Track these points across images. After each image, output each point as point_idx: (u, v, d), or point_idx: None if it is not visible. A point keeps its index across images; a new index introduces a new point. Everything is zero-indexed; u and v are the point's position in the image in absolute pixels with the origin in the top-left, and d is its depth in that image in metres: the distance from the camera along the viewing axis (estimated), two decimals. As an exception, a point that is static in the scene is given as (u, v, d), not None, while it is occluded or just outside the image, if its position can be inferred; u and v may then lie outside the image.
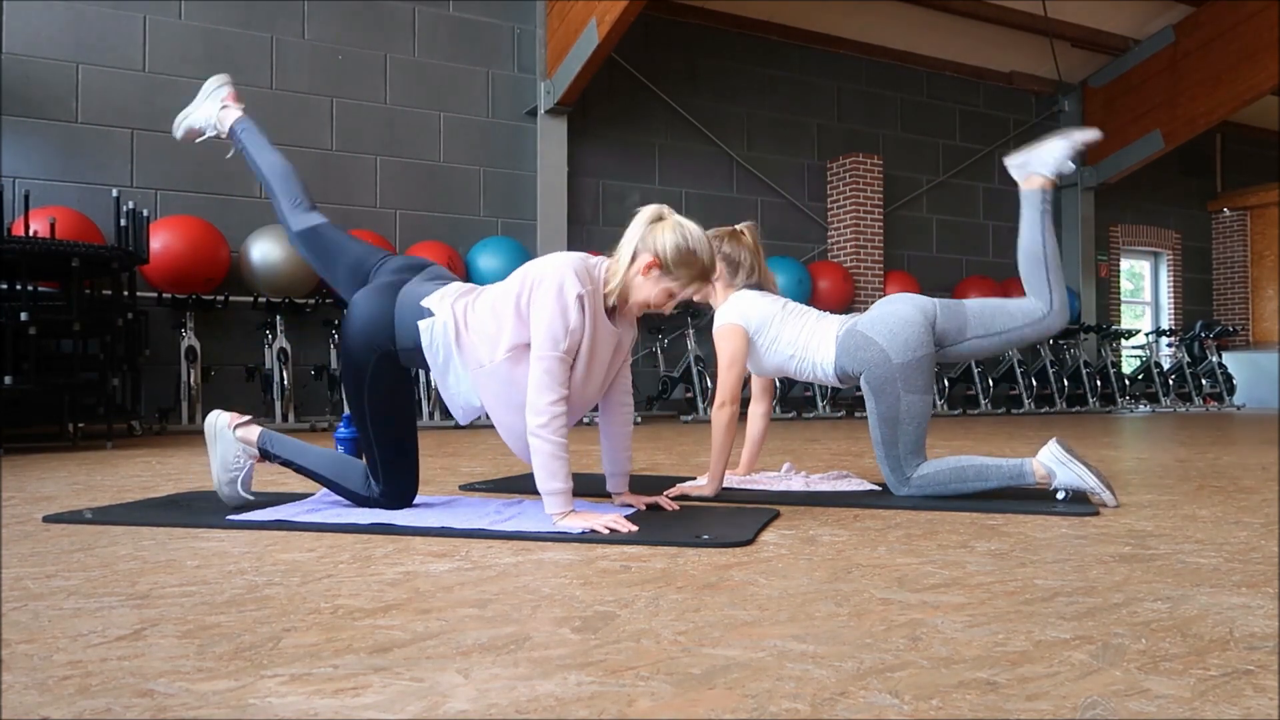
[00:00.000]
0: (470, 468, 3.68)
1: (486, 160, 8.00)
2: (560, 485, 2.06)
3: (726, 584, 1.57)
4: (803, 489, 2.83)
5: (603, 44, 7.25)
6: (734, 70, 9.42)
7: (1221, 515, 2.38)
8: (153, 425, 6.10)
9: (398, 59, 7.65)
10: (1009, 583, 1.58)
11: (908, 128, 10.53)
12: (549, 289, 2.09)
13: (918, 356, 2.60)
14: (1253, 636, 1.25)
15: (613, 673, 1.09)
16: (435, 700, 1.00)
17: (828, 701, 0.99)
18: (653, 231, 2.17)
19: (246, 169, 7.10)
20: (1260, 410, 11.12)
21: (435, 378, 2.24)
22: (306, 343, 7.10)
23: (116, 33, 6.62)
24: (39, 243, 4.61)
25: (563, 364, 2.08)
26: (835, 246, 9.76)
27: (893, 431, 2.62)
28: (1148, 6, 10.41)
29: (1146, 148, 10.86)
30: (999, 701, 1.00)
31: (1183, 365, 11.40)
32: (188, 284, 6.34)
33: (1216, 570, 1.69)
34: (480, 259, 7.45)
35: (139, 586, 1.54)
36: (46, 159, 6.37)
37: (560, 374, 2.07)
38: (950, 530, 2.14)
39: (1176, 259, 12.96)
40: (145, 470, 3.60)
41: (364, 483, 2.31)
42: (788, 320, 2.79)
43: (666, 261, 2.15)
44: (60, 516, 2.26)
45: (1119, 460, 4.09)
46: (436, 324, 2.19)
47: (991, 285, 10.24)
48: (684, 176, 9.02)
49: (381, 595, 1.48)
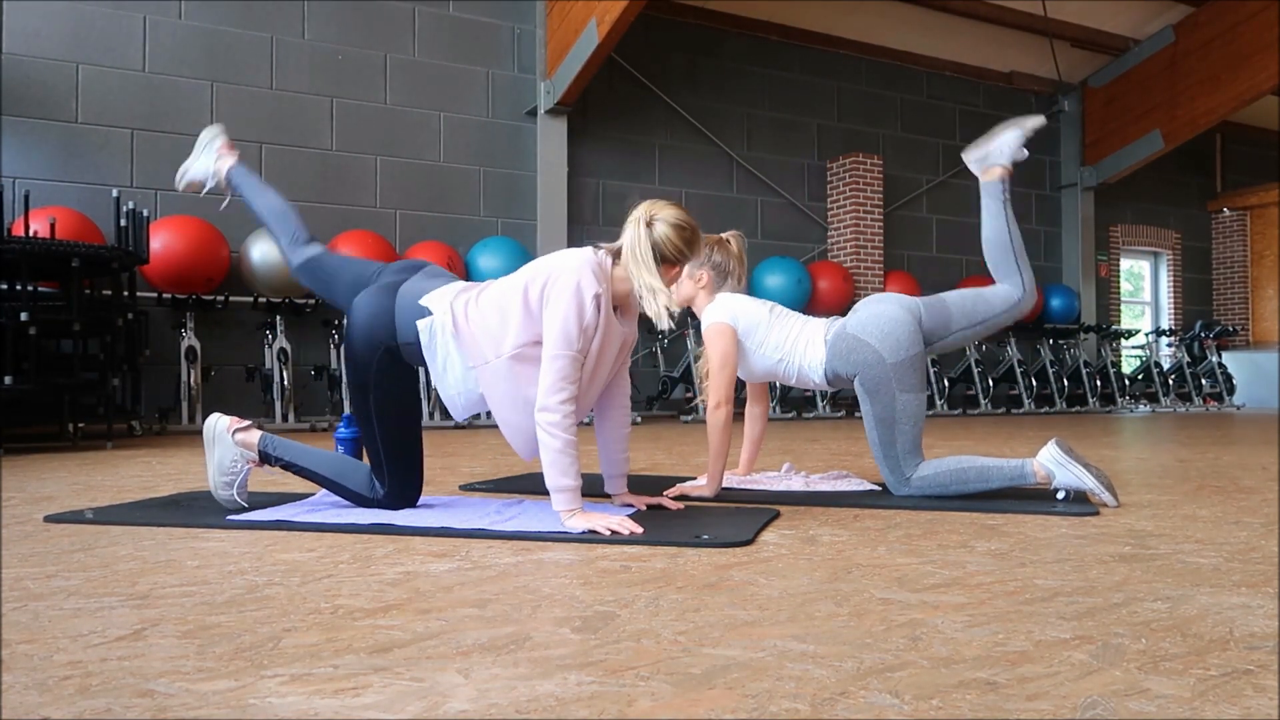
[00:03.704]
0: (470, 468, 3.68)
1: (486, 160, 8.00)
2: (570, 482, 2.06)
3: (726, 584, 1.57)
4: (803, 489, 2.83)
5: (603, 44, 7.24)
6: (734, 70, 9.42)
7: (1221, 515, 2.38)
8: (153, 425, 6.10)
9: (398, 59, 7.65)
10: (1009, 583, 1.58)
11: (908, 128, 10.53)
12: (566, 287, 2.09)
13: (910, 355, 2.61)
14: (1253, 636, 1.25)
15: (613, 673, 1.09)
16: (435, 700, 1.00)
17: (828, 701, 0.99)
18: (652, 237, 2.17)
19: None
20: (1260, 410, 11.12)
21: (433, 375, 2.25)
22: (306, 343, 7.10)
23: (116, 33, 6.62)
24: (39, 243, 4.61)
25: (575, 362, 2.08)
26: (835, 246, 9.76)
27: (889, 432, 2.62)
28: (1148, 6, 10.40)
29: (1146, 148, 10.86)
30: (999, 701, 1.00)
31: (1183, 365, 11.40)
32: (188, 284, 6.34)
33: (1216, 570, 1.69)
34: (480, 259, 7.45)
35: (139, 586, 1.54)
36: (46, 159, 6.37)
37: (573, 373, 2.08)
38: (950, 530, 2.14)
39: (1176, 259, 12.96)
40: (145, 470, 3.60)
41: (367, 484, 2.31)
42: (774, 324, 2.79)
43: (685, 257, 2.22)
44: (60, 516, 2.26)
45: (1119, 460, 4.09)
46: (435, 322, 2.20)
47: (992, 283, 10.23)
48: (684, 176, 9.02)
49: (381, 595, 1.48)
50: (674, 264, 2.20)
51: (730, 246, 2.90)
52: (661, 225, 2.17)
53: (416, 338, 2.21)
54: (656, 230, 2.16)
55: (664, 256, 2.17)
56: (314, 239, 2.55)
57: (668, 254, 2.17)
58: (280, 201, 2.59)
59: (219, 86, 6.94)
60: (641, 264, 2.14)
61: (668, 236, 2.16)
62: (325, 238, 7.08)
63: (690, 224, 2.21)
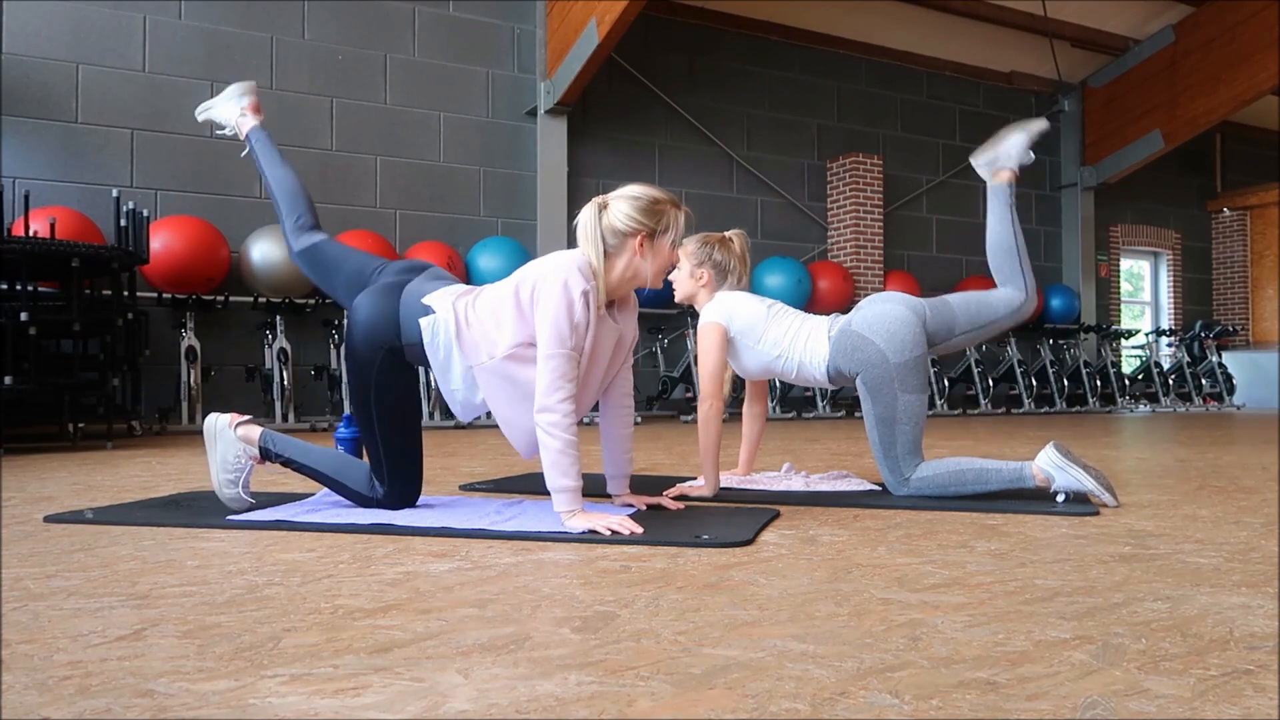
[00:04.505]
0: (470, 468, 3.68)
1: (486, 160, 8.00)
2: (570, 483, 2.07)
3: (726, 584, 1.57)
4: (803, 489, 2.83)
5: (603, 44, 7.25)
6: (734, 70, 9.42)
7: (1221, 515, 2.38)
8: (153, 425, 6.10)
9: (398, 59, 7.65)
10: (1009, 583, 1.58)
11: (908, 128, 10.53)
12: (554, 286, 2.10)
13: (914, 356, 2.61)
14: (1253, 636, 1.25)
15: (613, 673, 1.09)
16: (435, 700, 1.00)
17: (828, 701, 0.99)
18: (606, 219, 2.20)
19: (247, 169, 7.06)
20: (1260, 410, 11.12)
21: (436, 375, 2.25)
22: (306, 343, 7.10)
23: (116, 33, 6.62)
24: (39, 243, 4.61)
25: (571, 361, 2.08)
26: (835, 246, 9.77)
27: (890, 432, 2.62)
28: (1148, 6, 10.40)
29: (1146, 148, 10.86)
30: (999, 701, 1.00)
31: (1183, 365, 11.40)
32: (188, 284, 6.34)
33: (1216, 570, 1.69)
34: (480, 259, 7.45)
35: (139, 586, 1.54)
36: (46, 159, 6.37)
37: (570, 371, 2.08)
38: (950, 530, 2.14)
39: (1176, 259, 12.96)
40: (145, 470, 3.60)
41: (367, 483, 2.31)
42: (773, 321, 2.80)
43: (645, 225, 2.20)
44: (60, 516, 2.26)
45: (1119, 460, 4.09)
46: (438, 321, 2.20)
47: (991, 285, 10.22)
48: (684, 176, 9.02)
49: (381, 595, 1.48)
50: (633, 234, 2.20)
51: (732, 245, 2.90)
52: (616, 200, 2.21)
53: (420, 338, 2.21)
54: (611, 207, 2.20)
55: (619, 229, 2.18)
56: (319, 226, 2.53)
57: (621, 226, 2.18)
58: (295, 180, 2.55)
59: (219, 86, 6.91)
60: (589, 239, 2.18)
61: (621, 209, 2.19)
62: (325, 238, 7.09)
63: (647, 194, 2.22)
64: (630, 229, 2.19)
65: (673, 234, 2.26)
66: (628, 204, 2.20)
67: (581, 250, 2.20)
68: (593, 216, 2.20)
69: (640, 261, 2.21)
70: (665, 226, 2.23)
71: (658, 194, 2.25)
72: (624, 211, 2.19)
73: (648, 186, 2.26)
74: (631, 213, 2.19)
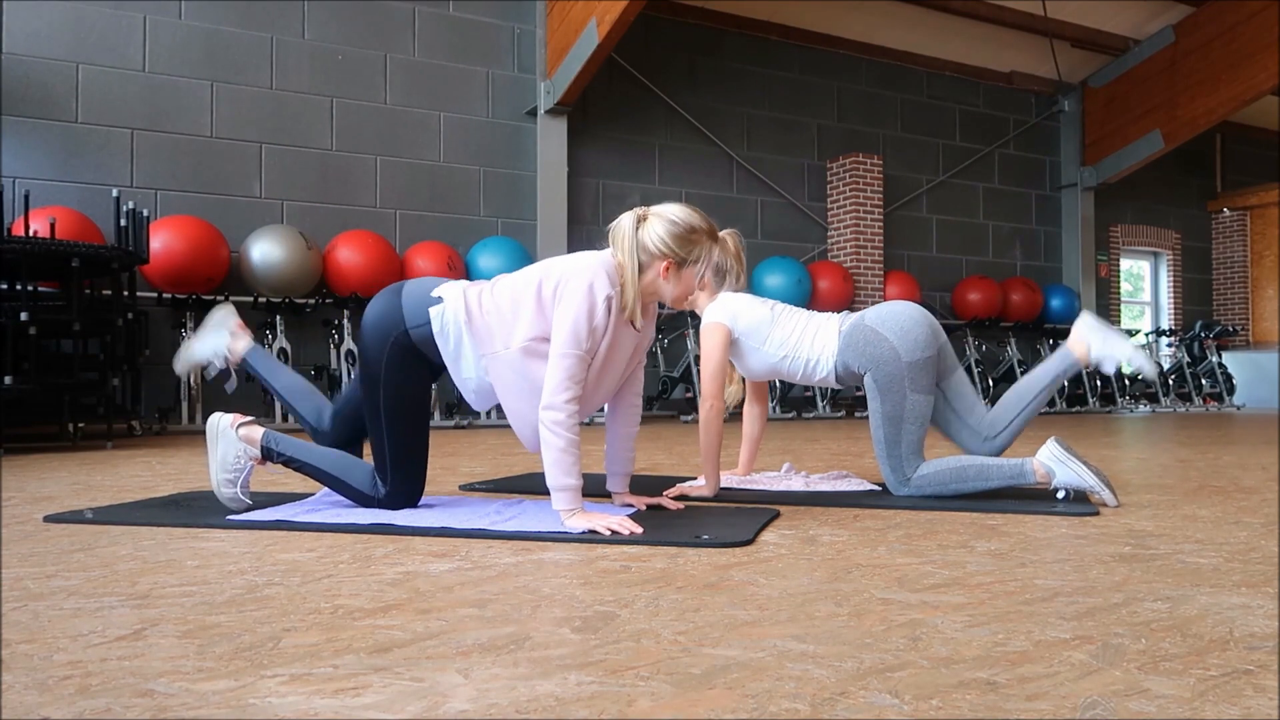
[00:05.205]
0: (470, 468, 3.68)
1: (486, 160, 8.00)
2: (570, 482, 2.07)
3: (726, 584, 1.57)
4: (803, 489, 2.83)
5: (603, 44, 7.24)
6: (734, 70, 9.42)
7: (1221, 515, 2.38)
8: (153, 425, 6.10)
9: (398, 59, 7.65)
10: (1009, 583, 1.58)
11: (908, 128, 10.53)
12: (579, 287, 2.10)
13: (926, 356, 2.62)
14: (1253, 636, 1.25)
15: (613, 673, 1.09)
16: (435, 700, 1.00)
17: (828, 701, 0.99)
18: (643, 235, 2.19)
19: (247, 169, 7.06)
20: (1260, 410, 11.12)
21: (447, 364, 2.25)
22: (306, 343, 7.10)
23: (116, 33, 6.62)
24: (39, 243, 4.61)
25: (582, 363, 2.09)
26: (835, 246, 9.76)
27: (896, 431, 2.62)
28: (1148, 6, 10.40)
29: (1146, 148, 10.86)
30: (999, 701, 1.00)
31: (1183, 365, 11.40)
32: (188, 284, 6.34)
33: (1216, 570, 1.69)
34: (480, 259, 7.45)
35: (139, 586, 1.54)
36: (46, 159, 6.37)
37: (579, 372, 2.08)
38: (950, 530, 2.14)
39: (1176, 259, 12.96)
40: (145, 470, 3.60)
41: (369, 482, 2.31)
42: (778, 321, 2.80)
43: (675, 253, 2.19)
44: (60, 516, 2.26)
45: (1119, 460, 4.09)
46: (447, 310, 2.21)
47: (991, 285, 10.24)
48: (684, 176, 9.02)
49: (381, 595, 1.48)
50: (661, 258, 2.20)
51: (727, 245, 2.91)
52: (655, 217, 2.20)
53: (427, 321, 2.22)
54: (650, 223, 2.20)
55: (649, 249, 2.18)
56: (330, 403, 2.57)
57: (652, 247, 2.18)
58: (301, 381, 2.62)
59: (219, 86, 6.94)
60: (625, 249, 2.18)
61: (656, 231, 2.19)
62: (325, 238, 7.10)
63: (686, 222, 2.20)
64: (659, 253, 2.19)
65: (702, 267, 2.24)
66: (664, 227, 2.19)
67: (612, 253, 2.20)
68: (630, 226, 2.19)
69: (663, 283, 2.22)
70: (695, 258, 2.22)
71: (697, 222, 2.22)
72: (658, 233, 2.18)
73: (691, 212, 2.24)
74: (665, 237, 2.18)
